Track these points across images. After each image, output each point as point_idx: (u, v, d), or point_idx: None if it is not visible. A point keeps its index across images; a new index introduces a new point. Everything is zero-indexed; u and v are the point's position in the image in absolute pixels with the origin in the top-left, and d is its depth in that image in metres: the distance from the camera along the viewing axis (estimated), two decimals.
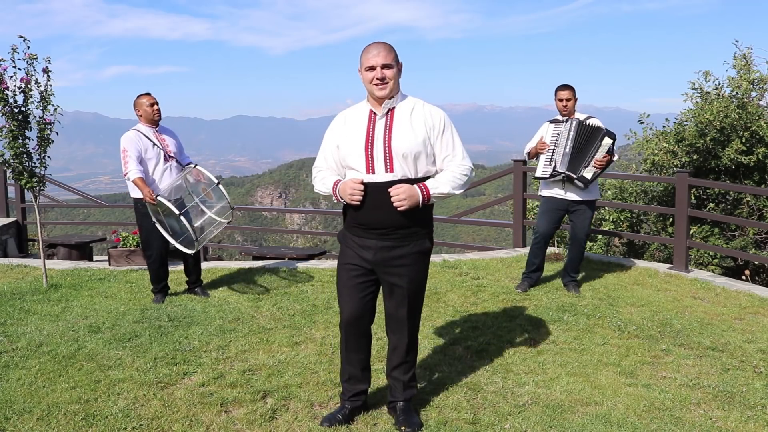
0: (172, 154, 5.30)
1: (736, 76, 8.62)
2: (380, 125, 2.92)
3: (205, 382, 3.58)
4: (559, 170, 5.34)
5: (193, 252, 4.93)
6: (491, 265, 6.63)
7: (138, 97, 5.31)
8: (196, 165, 5.16)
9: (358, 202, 2.87)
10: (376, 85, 2.86)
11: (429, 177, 2.95)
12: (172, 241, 4.81)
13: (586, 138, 5.34)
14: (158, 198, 4.86)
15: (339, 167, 3.03)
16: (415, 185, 2.88)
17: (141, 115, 5.28)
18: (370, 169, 2.88)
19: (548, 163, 5.43)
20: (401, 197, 2.83)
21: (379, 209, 2.89)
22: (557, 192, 5.48)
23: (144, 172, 5.10)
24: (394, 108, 2.94)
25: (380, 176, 2.88)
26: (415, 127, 2.91)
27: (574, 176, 5.31)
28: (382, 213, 2.89)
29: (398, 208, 2.85)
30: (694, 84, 8.86)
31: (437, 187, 2.91)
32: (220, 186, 4.98)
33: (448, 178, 2.93)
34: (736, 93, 8.49)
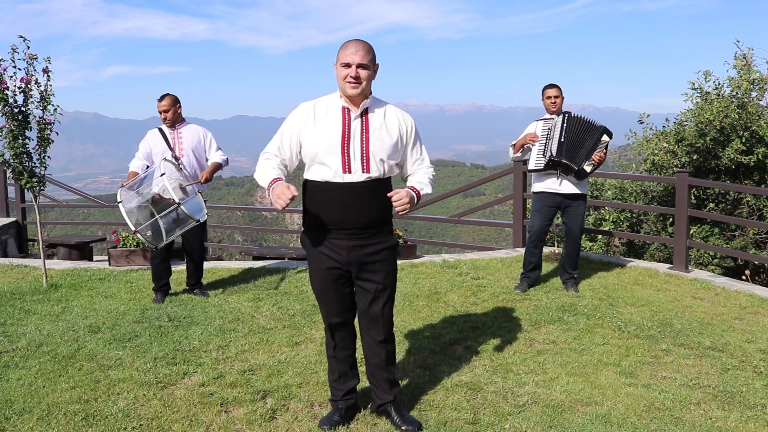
0: (181, 154, 5.34)
1: (736, 76, 8.63)
2: (356, 124, 2.91)
3: (205, 382, 3.58)
4: (556, 159, 5.35)
5: (156, 247, 4.76)
6: (491, 265, 6.63)
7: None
8: (164, 158, 5.03)
9: (281, 208, 2.77)
10: (350, 83, 2.84)
11: (390, 178, 3.03)
12: (132, 227, 4.63)
13: (583, 131, 5.40)
14: (120, 188, 4.81)
15: (292, 160, 2.97)
16: (407, 189, 2.94)
17: None
18: (347, 168, 2.88)
19: (541, 154, 5.46)
20: (405, 201, 2.83)
21: (352, 208, 2.89)
22: (551, 186, 5.51)
23: (144, 167, 5.28)
24: (367, 108, 2.95)
25: (357, 176, 2.88)
26: (391, 132, 2.95)
27: (575, 167, 5.33)
28: (355, 212, 2.90)
29: (401, 212, 2.86)
30: (694, 84, 8.86)
31: (422, 189, 3.01)
32: (164, 177, 4.66)
33: (426, 180, 3.05)
34: (736, 93, 8.50)
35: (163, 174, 4.63)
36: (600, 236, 9.19)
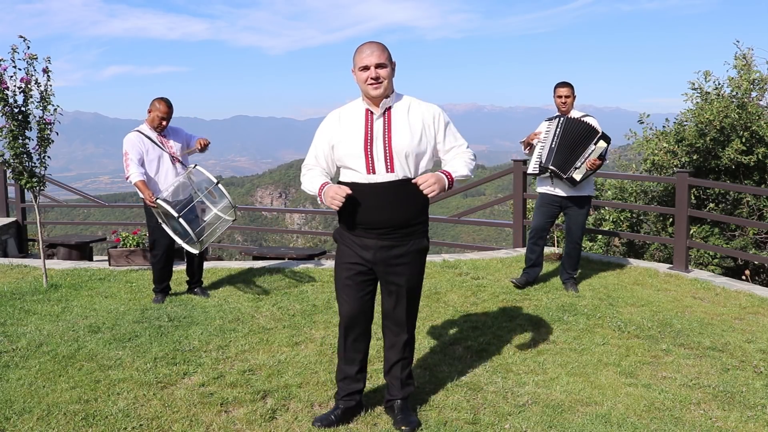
0: (177, 157, 5.29)
1: (736, 76, 8.63)
2: (378, 125, 2.92)
3: (205, 382, 3.58)
4: (545, 166, 5.36)
5: (198, 252, 4.89)
6: (491, 265, 6.63)
7: (157, 100, 5.20)
8: (195, 165, 5.12)
9: (337, 208, 2.83)
10: (371, 84, 2.86)
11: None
12: (179, 241, 4.76)
13: (578, 137, 5.33)
14: (158, 201, 4.82)
15: (330, 166, 3.03)
16: (437, 173, 2.89)
17: (149, 117, 5.22)
18: (371, 169, 2.88)
19: (537, 159, 5.46)
20: (430, 182, 2.78)
21: (380, 209, 2.90)
22: (547, 189, 5.56)
23: (146, 174, 5.11)
24: (390, 107, 2.95)
25: (381, 176, 2.88)
26: (413, 126, 2.92)
27: (563, 176, 5.33)
28: (383, 213, 2.90)
29: (429, 195, 2.81)
30: (694, 84, 8.86)
31: (456, 170, 2.93)
32: (220, 185, 4.94)
33: (462, 162, 2.97)
34: (736, 93, 8.50)
35: (219, 182, 4.80)
36: (600, 236, 9.19)
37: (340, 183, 3.00)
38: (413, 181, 2.84)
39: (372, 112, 2.94)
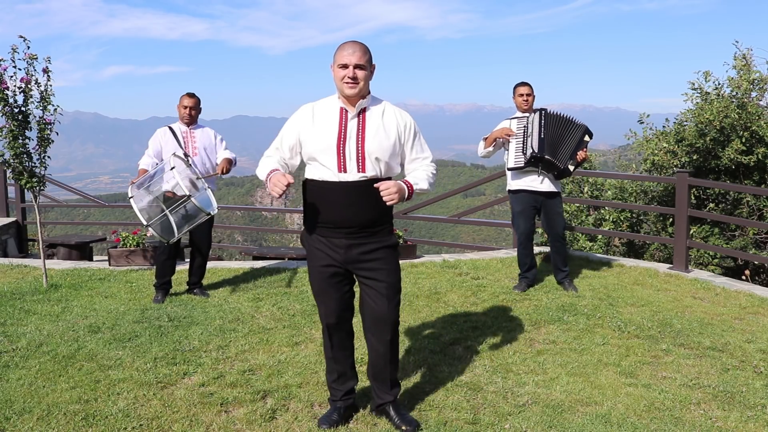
0: (194, 152, 5.38)
1: (736, 76, 8.63)
2: (353, 125, 2.93)
3: (205, 382, 3.58)
4: (538, 155, 5.29)
5: (168, 241, 4.77)
6: (491, 265, 6.63)
7: (184, 94, 5.47)
8: (174, 153, 5.04)
9: (277, 195, 2.84)
10: (347, 83, 2.88)
11: (391, 177, 3.03)
12: (144, 222, 4.66)
13: (562, 127, 5.39)
14: (129, 188, 4.82)
15: (293, 157, 3.03)
16: (399, 181, 2.92)
17: (179, 112, 5.48)
18: (342, 167, 2.90)
19: (520, 152, 5.41)
20: (392, 191, 2.81)
21: (349, 207, 2.91)
22: (530, 183, 5.47)
23: (154, 165, 5.28)
24: (365, 108, 2.96)
25: (352, 175, 2.90)
26: (388, 131, 2.95)
27: (560, 166, 5.33)
28: (352, 211, 2.91)
29: (388, 203, 2.82)
30: (694, 84, 8.86)
31: (418, 183, 2.99)
32: (174, 171, 4.65)
33: (424, 176, 3.03)
34: (736, 93, 8.50)
35: (173, 168, 4.65)
36: (600, 236, 9.19)
37: (307, 180, 3.00)
38: (375, 185, 2.85)
39: (347, 111, 2.95)
